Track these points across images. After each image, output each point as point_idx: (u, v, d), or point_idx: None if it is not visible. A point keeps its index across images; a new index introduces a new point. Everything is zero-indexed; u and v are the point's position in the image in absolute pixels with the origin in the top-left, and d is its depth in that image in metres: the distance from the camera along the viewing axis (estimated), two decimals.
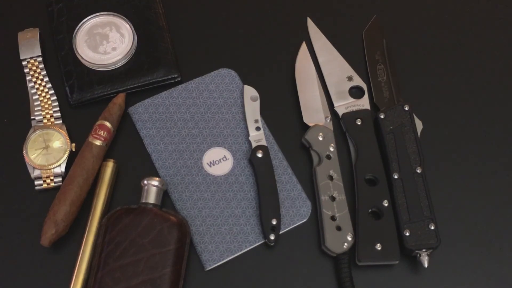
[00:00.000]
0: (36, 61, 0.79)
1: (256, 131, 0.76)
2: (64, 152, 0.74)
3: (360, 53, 0.83)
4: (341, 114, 0.78)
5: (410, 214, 0.71)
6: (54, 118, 0.76)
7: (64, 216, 0.69)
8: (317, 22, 0.84)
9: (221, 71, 0.80)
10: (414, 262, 0.72)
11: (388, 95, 0.79)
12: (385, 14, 0.85)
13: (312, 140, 0.75)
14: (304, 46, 0.81)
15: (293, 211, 0.73)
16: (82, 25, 0.80)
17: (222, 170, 0.75)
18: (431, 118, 0.79)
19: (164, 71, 0.79)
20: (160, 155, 0.75)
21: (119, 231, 0.68)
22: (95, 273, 0.67)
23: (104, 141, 0.73)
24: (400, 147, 0.74)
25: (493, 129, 0.79)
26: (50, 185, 0.74)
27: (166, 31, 0.81)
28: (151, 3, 0.82)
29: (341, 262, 0.70)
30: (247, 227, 0.72)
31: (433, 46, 0.84)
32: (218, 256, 0.71)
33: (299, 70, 0.80)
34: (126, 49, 0.79)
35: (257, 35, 0.83)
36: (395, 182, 0.73)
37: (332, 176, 0.73)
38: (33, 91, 0.77)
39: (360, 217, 0.72)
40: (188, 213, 0.73)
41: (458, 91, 0.81)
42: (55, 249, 0.72)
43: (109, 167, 0.73)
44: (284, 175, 0.75)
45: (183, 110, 0.77)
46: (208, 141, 0.76)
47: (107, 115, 0.75)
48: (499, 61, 0.83)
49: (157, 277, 0.67)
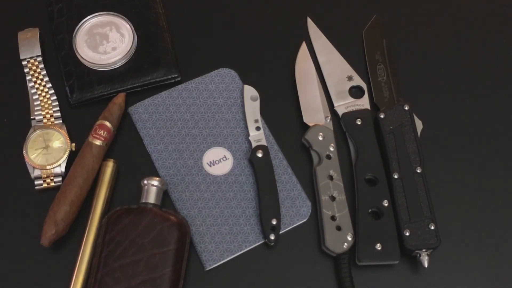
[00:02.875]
0: (36, 61, 0.79)
1: (256, 131, 0.76)
2: (64, 152, 0.74)
3: (360, 53, 0.83)
4: (341, 114, 0.78)
5: (410, 214, 0.71)
6: (54, 118, 0.76)
7: (64, 216, 0.69)
8: (317, 22, 0.84)
9: (221, 71, 0.80)
10: (414, 262, 0.72)
11: (388, 95, 0.79)
12: (385, 14, 0.85)
13: (312, 140, 0.75)
14: (304, 46, 0.81)
15: (293, 211, 0.73)
16: (82, 25, 0.80)
17: (222, 170, 0.75)
18: (431, 118, 0.79)
19: (164, 71, 0.79)
20: (160, 155, 0.75)
21: (119, 231, 0.68)
22: (95, 273, 0.67)
23: (104, 141, 0.73)
24: (400, 147, 0.74)
25: (493, 129, 0.79)
26: (50, 185, 0.74)
27: (166, 31, 0.81)
28: (151, 3, 0.82)
29: (341, 262, 0.70)
30: (247, 227, 0.72)
31: (433, 46, 0.84)
32: (218, 256, 0.71)
33: (299, 70, 0.80)
34: (126, 49, 0.79)
35: (257, 35, 0.83)
36: (395, 182, 0.73)
37: (332, 176, 0.73)
38: (33, 91, 0.77)
39: (360, 217, 0.72)
40: (188, 213, 0.73)
41: (458, 91, 0.81)
42: (55, 249, 0.72)
43: (109, 167, 0.73)
44: (284, 175, 0.75)
45: (183, 110, 0.77)
46: (208, 141, 0.76)
47: (107, 115, 0.75)
48: (499, 61, 0.83)
49: (157, 277, 0.67)
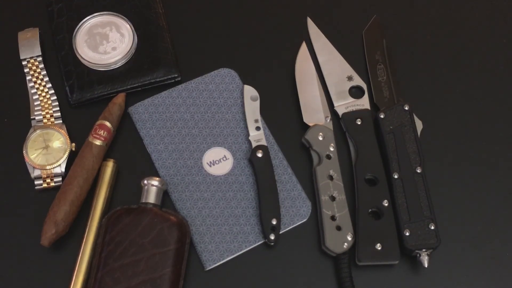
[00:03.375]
0: (36, 61, 0.79)
1: (256, 131, 0.76)
2: (64, 152, 0.74)
3: (360, 53, 0.83)
4: (341, 114, 0.78)
5: (410, 214, 0.71)
6: (54, 118, 0.76)
7: (64, 216, 0.69)
8: (317, 22, 0.84)
9: (221, 71, 0.80)
10: (414, 262, 0.72)
11: (388, 95, 0.79)
12: (385, 14, 0.85)
13: (312, 140, 0.75)
14: (304, 46, 0.81)
15: (293, 211, 0.73)
16: (82, 25, 0.80)
17: (222, 170, 0.75)
18: (431, 118, 0.79)
19: (164, 71, 0.79)
20: (160, 155, 0.75)
21: (119, 231, 0.68)
22: (95, 273, 0.67)
23: (104, 141, 0.73)
24: (400, 147, 0.74)
25: (493, 129, 0.79)
26: (50, 185, 0.73)
27: (166, 31, 0.81)
28: (151, 3, 0.82)
29: (341, 262, 0.70)
30: (247, 227, 0.72)
31: (433, 46, 0.84)
32: (218, 256, 0.71)
33: (299, 70, 0.80)
34: (126, 49, 0.79)
35: (257, 35, 0.83)
36: (395, 182, 0.73)
37: (332, 176, 0.73)
38: (33, 91, 0.77)
39: (360, 217, 0.72)
40: (188, 213, 0.73)
41: (458, 91, 0.81)
42: (55, 249, 0.72)
43: (109, 167, 0.73)
44: (284, 175, 0.75)
45: (183, 110, 0.77)
46: (208, 141, 0.76)
47: (107, 115, 0.75)
48: (499, 61, 0.83)
49: (157, 277, 0.67)
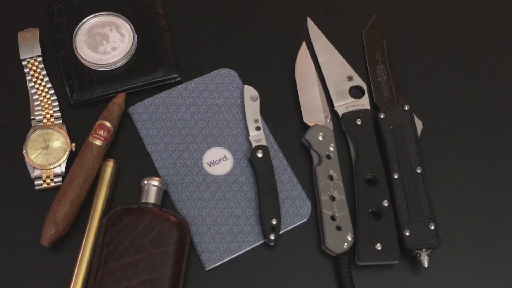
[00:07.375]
0: (36, 61, 0.79)
1: (256, 131, 0.76)
2: (64, 152, 0.74)
3: (360, 53, 0.83)
4: (341, 114, 0.78)
5: (410, 214, 0.71)
6: (54, 118, 0.76)
7: (64, 216, 0.69)
8: (317, 22, 0.84)
9: (221, 71, 0.80)
10: (414, 262, 0.72)
11: (388, 95, 0.79)
12: (385, 14, 0.85)
13: (312, 140, 0.75)
14: (304, 46, 0.81)
15: (293, 211, 0.73)
16: (82, 25, 0.80)
17: (222, 170, 0.75)
18: (431, 118, 0.79)
19: (164, 71, 0.79)
20: (160, 155, 0.75)
21: (119, 231, 0.68)
22: (95, 273, 0.67)
23: (104, 141, 0.73)
24: (400, 147, 0.74)
25: (493, 129, 0.79)
26: (50, 185, 0.74)
27: (166, 31, 0.81)
28: (151, 3, 0.82)
29: (341, 262, 0.70)
30: (247, 227, 0.72)
31: (433, 46, 0.84)
32: (218, 256, 0.71)
33: (299, 70, 0.80)
34: (126, 49, 0.79)
35: (257, 35, 0.83)
36: (395, 182, 0.73)
37: (332, 176, 0.73)
38: (33, 91, 0.77)
39: (360, 217, 0.72)
40: (188, 213, 0.73)
41: (458, 91, 0.81)
42: (55, 249, 0.72)
43: (109, 167, 0.73)
44: (284, 175, 0.75)
45: (183, 110, 0.77)
46: (208, 141, 0.76)
47: (107, 115, 0.75)
48: (499, 61, 0.83)
49: (157, 277, 0.67)
